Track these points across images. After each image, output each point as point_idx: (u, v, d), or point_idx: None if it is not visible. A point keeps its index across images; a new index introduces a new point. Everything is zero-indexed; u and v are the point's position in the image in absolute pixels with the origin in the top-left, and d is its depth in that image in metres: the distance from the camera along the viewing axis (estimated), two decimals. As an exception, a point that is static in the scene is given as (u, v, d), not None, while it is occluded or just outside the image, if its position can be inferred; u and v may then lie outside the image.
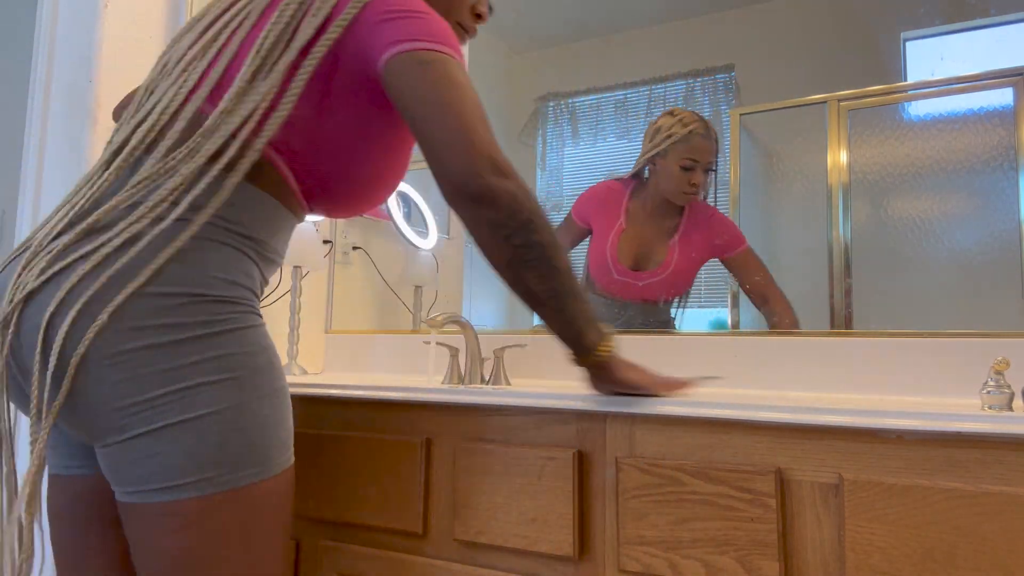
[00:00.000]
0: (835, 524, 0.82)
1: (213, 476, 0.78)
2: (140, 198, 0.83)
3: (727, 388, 1.33)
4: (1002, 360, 0.86)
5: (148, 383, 0.76)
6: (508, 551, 1.00)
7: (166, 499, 0.78)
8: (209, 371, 0.79)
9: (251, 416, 0.81)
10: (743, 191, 1.41)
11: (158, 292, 0.78)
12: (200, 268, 0.82)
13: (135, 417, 0.76)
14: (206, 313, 0.80)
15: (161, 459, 0.77)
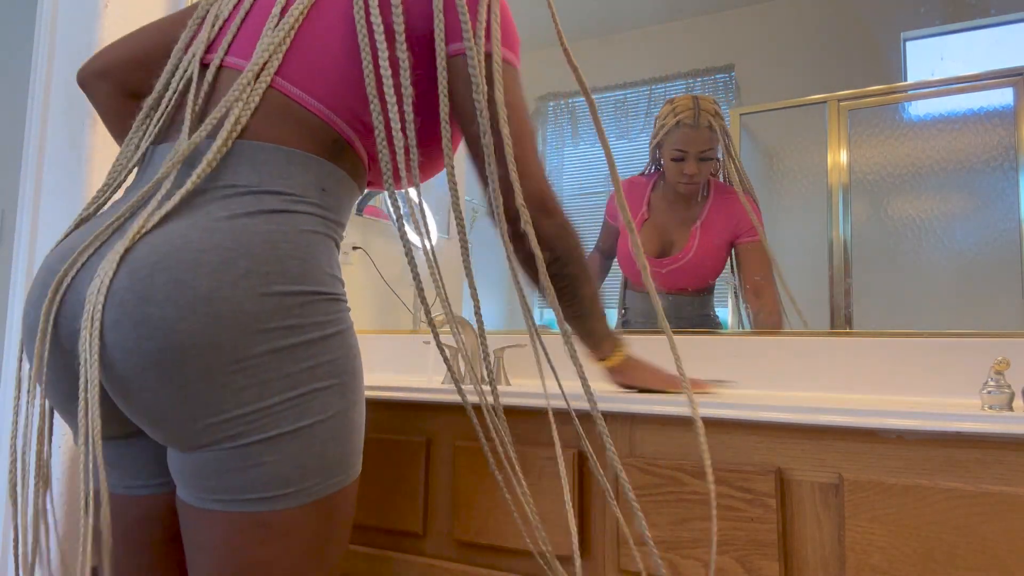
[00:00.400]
0: (835, 524, 0.82)
1: (310, 486, 0.75)
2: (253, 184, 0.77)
3: (727, 388, 1.33)
4: (1002, 360, 0.86)
5: (269, 389, 0.72)
6: (508, 551, 1.00)
7: (262, 509, 0.74)
8: (321, 376, 0.76)
9: (347, 424, 0.79)
10: (743, 191, 1.41)
11: (282, 291, 0.73)
12: (313, 262, 0.78)
13: (252, 425, 0.72)
14: (321, 313, 0.77)
15: (267, 468, 0.73)
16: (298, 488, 0.74)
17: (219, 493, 0.73)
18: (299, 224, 0.77)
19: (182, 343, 0.69)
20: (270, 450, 0.72)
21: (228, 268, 0.71)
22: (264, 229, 0.74)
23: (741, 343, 1.33)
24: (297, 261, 0.75)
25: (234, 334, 0.70)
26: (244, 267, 0.71)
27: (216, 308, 0.69)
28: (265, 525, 0.73)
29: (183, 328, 0.68)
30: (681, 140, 1.47)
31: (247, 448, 0.72)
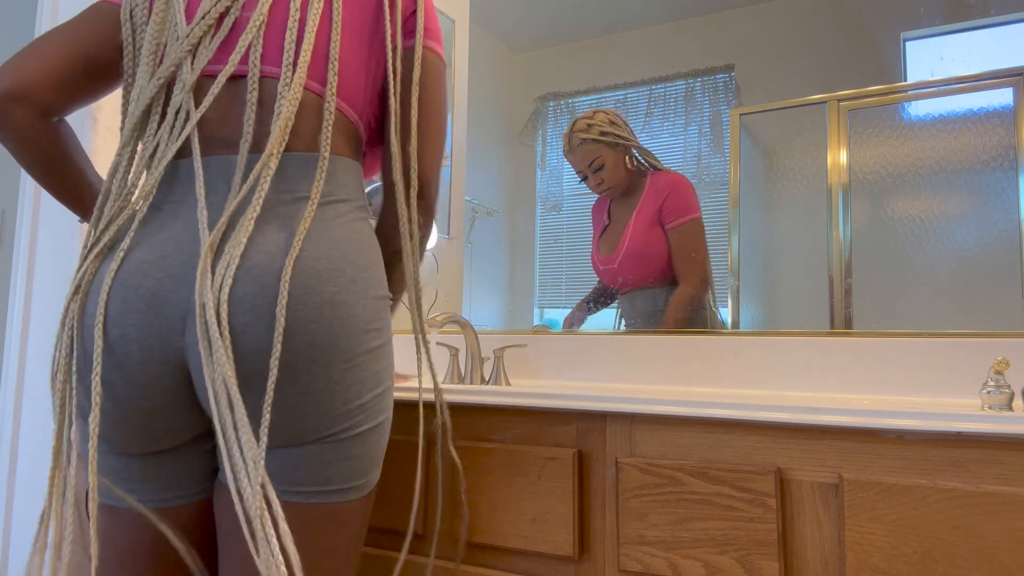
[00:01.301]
0: (835, 524, 0.82)
1: (371, 479, 0.82)
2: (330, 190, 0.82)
3: (727, 388, 1.33)
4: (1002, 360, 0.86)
5: (365, 387, 0.78)
6: (508, 551, 1.00)
7: (338, 500, 0.78)
8: (388, 375, 0.82)
9: (391, 421, 0.86)
10: (743, 191, 1.41)
11: (375, 296, 0.80)
12: (381, 268, 0.84)
13: (352, 420, 0.77)
14: (388, 319, 0.83)
15: (354, 461, 0.78)
16: (366, 480, 0.81)
17: (303, 485, 0.77)
18: (367, 231, 0.84)
19: (312, 343, 0.74)
20: (359, 444, 0.79)
21: (339, 275, 0.77)
22: (352, 238, 0.81)
23: (741, 343, 1.33)
24: (376, 268, 0.82)
25: (348, 335, 0.76)
26: (350, 274, 0.78)
27: (338, 311, 0.76)
28: (335, 515, 0.78)
29: (314, 329, 0.74)
30: (572, 165, 1.58)
31: (345, 442, 0.77)
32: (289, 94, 0.80)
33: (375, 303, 0.80)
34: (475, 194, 1.71)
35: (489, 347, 1.54)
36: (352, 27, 0.88)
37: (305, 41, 0.83)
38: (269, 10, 0.85)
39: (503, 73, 1.70)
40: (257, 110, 0.82)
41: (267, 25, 0.85)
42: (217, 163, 0.81)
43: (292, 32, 0.83)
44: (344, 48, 0.87)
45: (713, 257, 1.43)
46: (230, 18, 0.84)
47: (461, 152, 1.73)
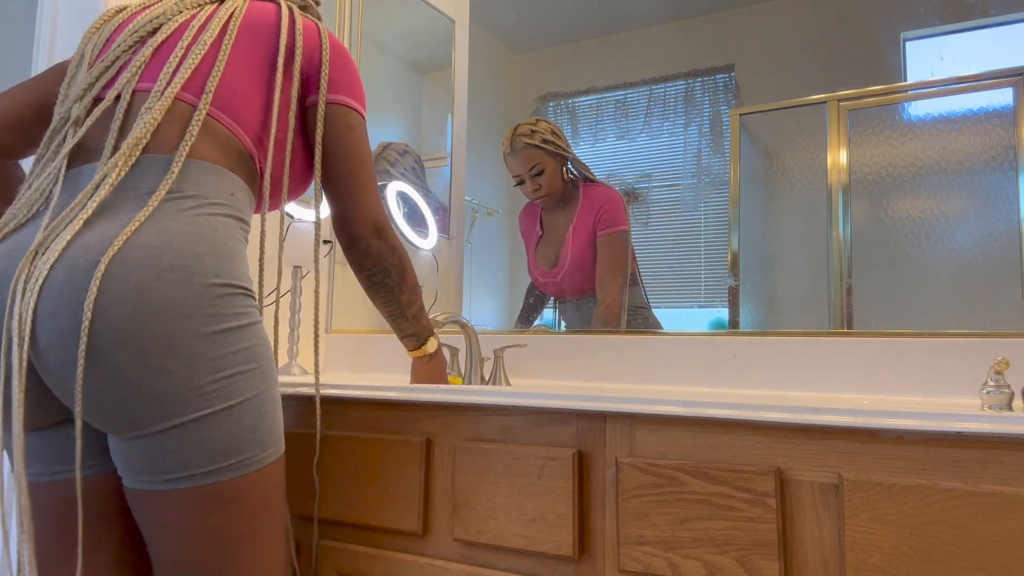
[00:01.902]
0: (835, 524, 0.82)
1: (248, 457, 0.85)
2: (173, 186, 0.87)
3: (727, 388, 1.33)
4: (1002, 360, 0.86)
5: (198, 372, 0.80)
6: (508, 551, 1.00)
7: (211, 481, 0.82)
8: (242, 360, 0.85)
9: (271, 401, 0.90)
10: (743, 191, 1.41)
11: (203, 283, 0.82)
12: (228, 258, 0.87)
13: (185, 405, 0.80)
14: (237, 305, 0.86)
15: (207, 444, 0.81)
16: (238, 459, 0.84)
17: (167, 473, 0.81)
18: (213, 223, 0.88)
19: (114, 327, 0.77)
20: (207, 428, 0.81)
21: (154, 263, 0.80)
22: (185, 229, 0.84)
23: (741, 343, 1.33)
24: (213, 258, 0.85)
25: (162, 320, 0.79)
26: (168, 262, 0.81)
27: (145, 297, 0.78)
28: (215, 496, 0.83)
29: (116, 314, 0.77)
30: (510, 168, 1.63)
31: (185, 427, 0.80)
32: (159, 102, 0.89)
33: (206, 291, 0.82)
34: (475, 194, 1.71)
35: (489, 347, 1.54)
36: (247, 57, 0.98)
37: (188, 59, 0.93)
38: (159, 45, 0.96)
39: (503, 73, 1.70)
40: (123, 120, 0.91)
41: (156, 53, 0.96)
42: (88, 170, 0.90)
43: (176, 54, 0.94)
44: (232, 69, 0.96)
45: (713, 257, 1.43)
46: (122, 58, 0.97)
47: (461, 152, 1.73)
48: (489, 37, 1.72)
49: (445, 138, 1.77)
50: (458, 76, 1.76)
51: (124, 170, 0.85)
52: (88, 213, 0.82)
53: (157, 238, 0.82)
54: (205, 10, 1.00)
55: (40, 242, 0.83)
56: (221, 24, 0.98)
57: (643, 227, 1.50)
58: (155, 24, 0.98)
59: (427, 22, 1.83)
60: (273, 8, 1.05)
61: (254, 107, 0.97)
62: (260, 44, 1.00)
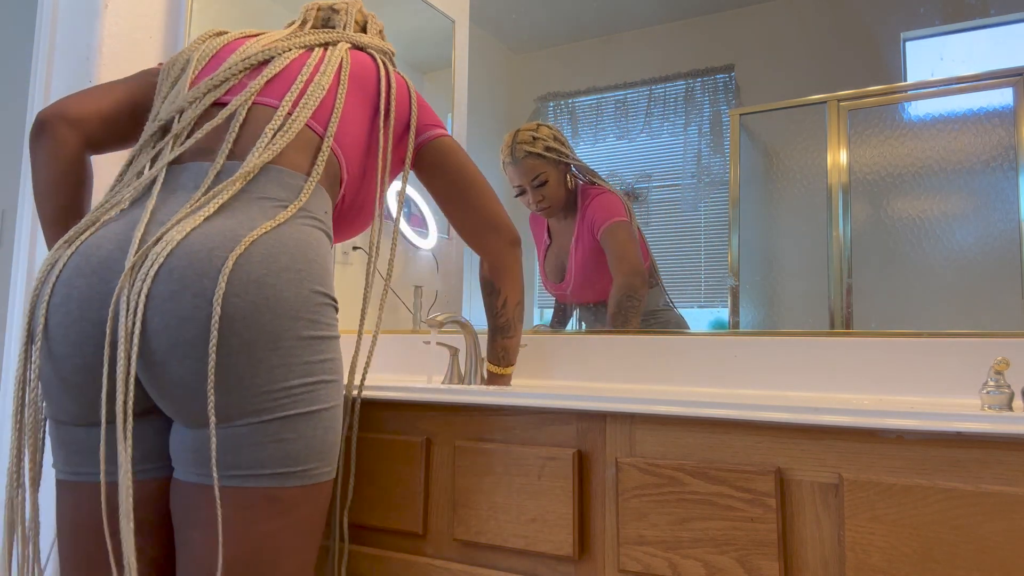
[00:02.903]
0: (835, 524, 0.82)
1: (313, 467, 0.86)
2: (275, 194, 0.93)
3: (727, 388, 1.33)
4: (1002, 360, 0.86)
5: (293, 372, 0.83)
6: (508, 551, 1.00)
7: (274, 484, 0.83)
8: (327, 370, 0.88)
9: (338, 417, 0.91)
10: (743, 191, 1.41)
11: (310, 289, 0.87)
12: (328, 270, 0.92)
13: (277, 402, 0.82)
14: (331, 316, 0.90)
15: (283, 446, 0.83)
16: (305, 468, 0.85)
17: (236, 468, 0.81)
18: (318, 236, 0.93)
19: (233, 315, 0.79)
20: (288, 428, 0.83)
21: (272, 260, 0.84)
22: (298, 236, 0.88)
23: (741, 343, 1.33)
24: (319, 267, 0.89)
25: (275, 316, 0.82)
26: (285, 262, 0.85)
27: (264, 291, 0.81)
28: (275, 500, 0.83)
29: (236, 302, 0.80)
30: (511, 177, 1.57)
31: (270, 424, 0.82)
32: (293, 123, 0.96)
33: (311, 296, 0.86)
34: (475, 194, 1.71)
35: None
36: (355, 106, 1.07)
37: (310, 92, 1.01)
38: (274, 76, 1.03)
39: (503, 73, 1.70)
40: (239, 130, 0.96)
41: (271, 82, 1.03)
42: (191, 168, 0.94)
43: (297, 86, 1.01)
44: (345, 113, 1.05)
45: (713, 257, 1.43)
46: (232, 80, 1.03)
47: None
48: (489, 37, 1.72)
49: (445, 138, 1.77)
50: (458, 76, 1.76)
51: (249, 178, 0.90)
52: (209, 211, 0.86)
53: (274, 239, 0.86)
54: (315, 53, 1.08)
55: (148, 231, 0.85)
56: (334, 70, 1.07)
57: (643, 227, 1.50)
58: (266, 55, 1.04)
59: (427, 22, 1.83)
60: (371, 62, 1.14)
61: (358, 146, 1.06)
62: (365, 93, 1.10)
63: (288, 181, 0.94)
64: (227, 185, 0.89)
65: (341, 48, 1.11)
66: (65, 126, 1.00)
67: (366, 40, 1.17)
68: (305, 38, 1.10)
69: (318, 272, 0.89)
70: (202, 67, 1.06)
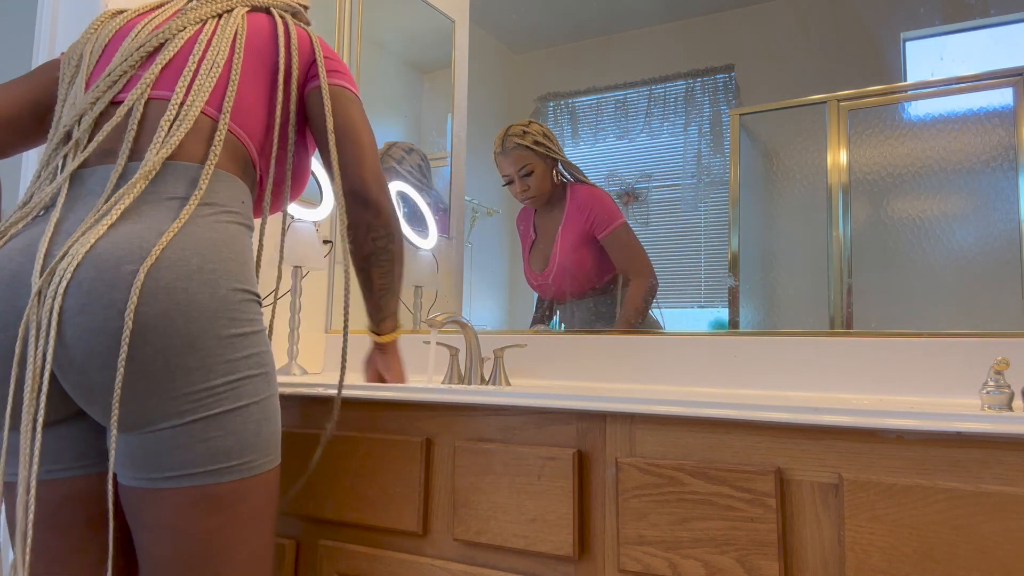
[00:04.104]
0: (835, 524, 0.82)
1: (249, 461, 0.87)
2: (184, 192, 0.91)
3: (727, 388, 1.33)
4: (1002, 360, 0.86)
5: (214, 372, 0.83)
6: (508, 551, 1.00)
7: (210, 482, 0.84)
8: (252, 365, 0.88)
9: (274, 408, 0.92)
10: (743, 191, 1.41)
11: (226, 288, 0.86)
12: (246, 265, 0.91)
13: (198, 403, 0.82)
14: (252, 311, 0.90)
15: (212, 443, 0.83)
16: (240, 462, 0.86)
17: (169, 471, 0.83)
18: (231, 231, 0.92)
19: (145, 324, 0.80)
20: (214, 426, 0.84)
21: (183, 264, 0.83)
22: (208, 235, 0.87)
23: (741, 343, 1.33)
24: (235, 263, 0.89)
25: (188, 319, 0.82)
26: (196, 264, 0.84)
27: (175, 297, 0.81)
28: (213, 497, 0.84)
29: (146, 311, 0.80)
30: (500, 168, 1.64)
31: (194, 424, 0.82)
32: (188, 114, 0.93)
33: (228, 294, 0.86)
34: (475, 194, 1.71)
35: (489, 347, 1.54)
36: (251, 73, 1.03)
37: (202, 75, 0.97)
38: (168, 61, 0.99)
39: (503, 73, 1.70)
40: (138, 128, 0.94)
41: (165, 69, 0.99)
42: (97, 172, 0.92)
43: (190, 68, 0.98)
44: (241, 85, 1.01)
45: (713, 257, 1.43)
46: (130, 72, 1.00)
47: (461, 152, 1.73)
48: (489, 37, 1.72)
49: (445, 138, 1.77)
50: (458, 76, 1.76)
51: (150, 177, 0.89)
52: (113, 218, 0.85)
53: (184, 241, 0.85)
54: (208, 25, 1.04)
55: (54, 241, 0.85)
56: (229, 42, 1.02)
57: (643, 227, 1.50)
58: (160, 40, 1.00)
59: (427, 22, 1.83)
60: (268, 21, 1.09)
61: (259, 119, 1.02)
62: (262, 60, 1.05)
63: (191, 175, 0.92)
64: (128, 188, 0.87)
65: (236, 15, 1.06)
66: None
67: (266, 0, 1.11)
68: (200, 10, 1.05)
69: (234, 269, 0.88)
70: (97, 59, 1.02)
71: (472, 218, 1.71)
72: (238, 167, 0.98)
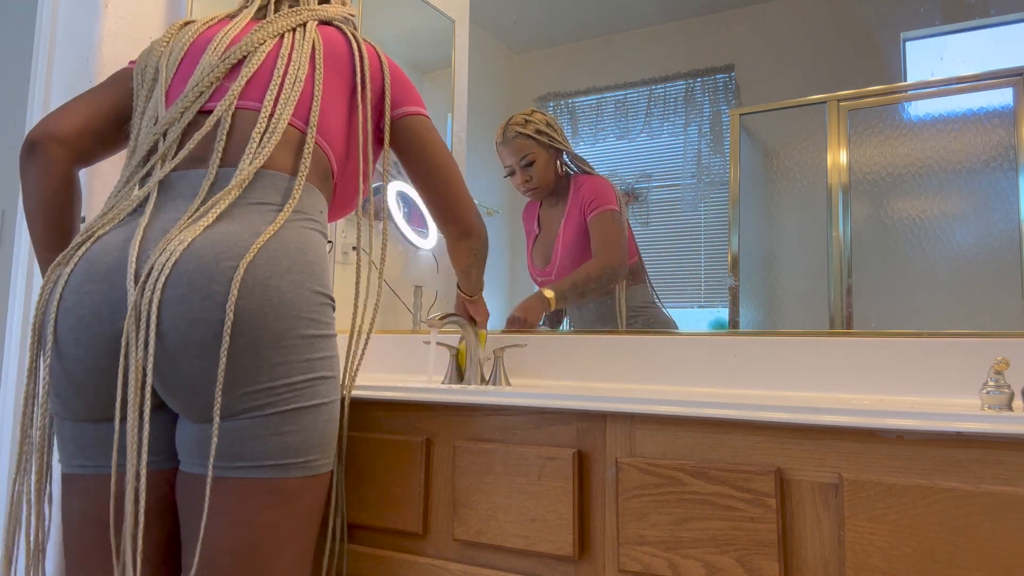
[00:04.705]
0: (835, 524, 0.82)
1: (314, 459, 0.90)
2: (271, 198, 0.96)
3: (727, 388, 1.33)
4: (1002, 360, 0.86)
5: (295, 369, 0.87)
6: (508, 551, 1.00)
7: (277, 476, 0.87)
8: (326, 367, 0.92)
9: (336, 412, 0.95)
10: (743, 191, 1.41)
11: (311, 289, 0.91)
12: (326, 271, 0.96)
13: (279, 397, 0.86)
14: (330, 315, 0.95)
15: (285, 438, 0.87)
16: (305, 459, 0.89)
17: (240, 460, 0.85)
18: (314, 238, 0.96)
19: (240, 316, 0.83)
20: (288, 421, 0.87)
21: (275, 263, 0.88)
22: (296, 239, 0.92)
23: (741, 343, 1.33)
24: (318, 268, 0.93)
25: (278, 316, 0.86)
26: (287, 265, 0.89)
27: (268, 293, 0.86)
28: (277, 491, 0.87)
29: (243, 304, 0.84)
30: (502, 158, 1.62)
31: (271, 418, 0.86)
32: (278, 125, 0.98)
33: (312, 296, 0.90)
34: (475, 194, 1.71)
35: (489, 347, 1.54)
36: (333, 88, 1.08)
37: (287, 88, 1.01)
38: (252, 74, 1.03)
39: (503, 73, 1.70)
40: (227, 137, 0.98)
41: (251, 81, 1.03)
42: (186, 176, 0.96)
43: (275, 82, 1.01)
44: (324, 99, 1.05)
45: (713, 257, 1.43)
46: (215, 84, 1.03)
47: (461, 152, 1.73)
48: (489, 37, 1.72)
49: (445, 138, 1.77)
50: (458, 76, 1.76)
51: (244, 185, 0.93)
52: (210, 220, 0.89)
53: (275, 243, 0.89)
54: (287, 38, 1.08)
55: (149, 239, 0.89)
56: (308, 56, 1.07)
57: (643, 227, 1.50)
58: (242, 52, 1.04)
59: (427, 22, 1.83)
60: (339, 35, 1.14)
61: (340, 133, 1.07)
62: (340, 76, 1.09)
63: (280, 184, 0.97)
64: (223, 194, 0.92)
65: (311, 29, 1.10)
66: (55, 145, 1.02)
67: (331, 12, 1.16)
68: (277, 24, 1.08)
69: (318, 273, 0.93)
70: (175, 71, 1.06)
71: (472, 218, 1.71)
72: (319, 178, 1.03)
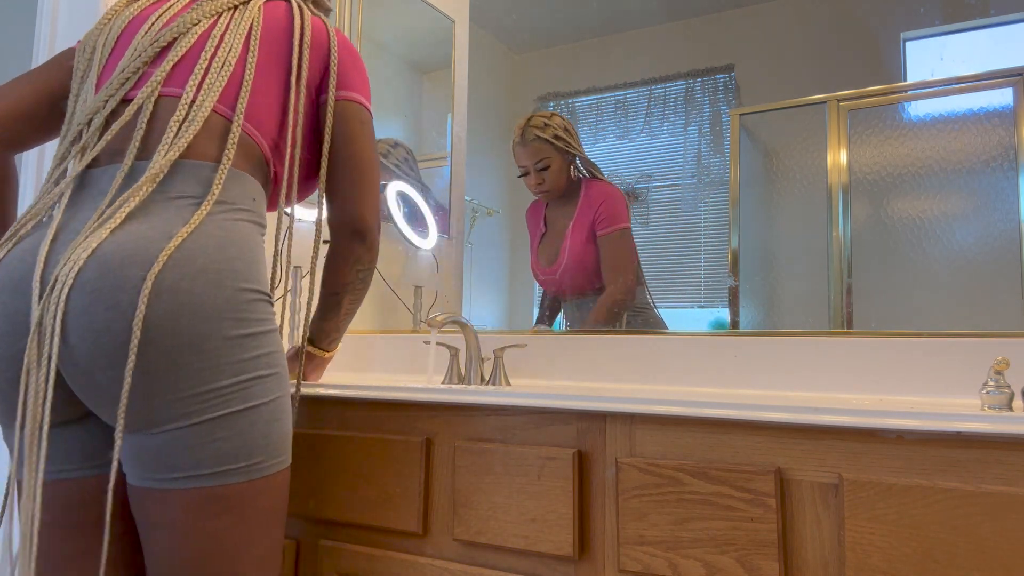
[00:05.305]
0: (835, 524, 0.82)
1: (258, 462, 0.86)
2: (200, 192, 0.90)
3: (727, 388, 1.33)
4: (1002, 360, 0.86)
5: (222, 372, 0.82)
6: (508, 551, 1.00)
7: (217, 483, 0.83)
8: (262, 365, 0.87)
9: (284, 409, 0.91)
10: (743, 191, 1.41)
11: (232, 287, 0.85)
12: (254, 264, 0.90)
13: (206, 404, 0.82)
14: (261, 311, 0.89)
15: (220, 444, 0.83)
16: (247, 463, 0.85)
17: (176, 471, 0.82)
18: (243, 229, 0.90)
19: (149, 325, 0.79)
20: (221, 427, 0.83)
21: (188, 263, 0.82)
22: (217, 233, 0.86)
23: (741, 343, 1.33)
24: (243, 263, 0.87)
25: (193, 320, 0.81)
26: (201, 264, 0.83)
27: (178, 297, 0.80)
28: (219, 499, 0.84)
29: (152, 312, 0.79)
30: (517, 158, 1.62)
31: (201, 426, 0.82)
32: (198, 113, 0.92)
33: (236, 294, 0.85)
34: (475, 194, 1.71)
35: (489, 347, 1.54)
36: (266, 67, 1.01)
37: (214, 71, 0.95)
38: (180, 57, 0.97)
39: (503, 73, 1.70)
40: (147, 127, 0.92)
41: (177, 65, 0.97)
42: (105, 171, 0.91)
43: (201, 65, 0.96)
44: (256, 80, 0.99)
45: (713, 257, 1.43)
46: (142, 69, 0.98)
47: (461, 152, 1.73)
48: (489, 37, 1.72)
49: (445, 138, 1.77)
50: (458, 76, 1.76)
51: (159, 178, 0.87)
52: (117, 221, 0.83)
53: (191, 242, 0.83)
54: (224, 18, 1.01)
55: (57, 245, 0.84)
56: (243, 37, 1.00)
57: (643, 227, 1.50)
58: (173, 34, 0.98)
59: (427, 22, 1.83)
60: (286, 11, 1.06)
61: (272, 115, 1.00)
62: (277, 52, 1.03)
63: (201, 174, 0.90)
64: (134, 190, 0.86)
65: (253, 6, 1.03)
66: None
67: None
68: (216, 3, 1.01)
69: (242, 269, 0.87)
70: (109, 52, 1.00)
71: (472, 218, 1.71)
72: (250, 164, 0.97)
